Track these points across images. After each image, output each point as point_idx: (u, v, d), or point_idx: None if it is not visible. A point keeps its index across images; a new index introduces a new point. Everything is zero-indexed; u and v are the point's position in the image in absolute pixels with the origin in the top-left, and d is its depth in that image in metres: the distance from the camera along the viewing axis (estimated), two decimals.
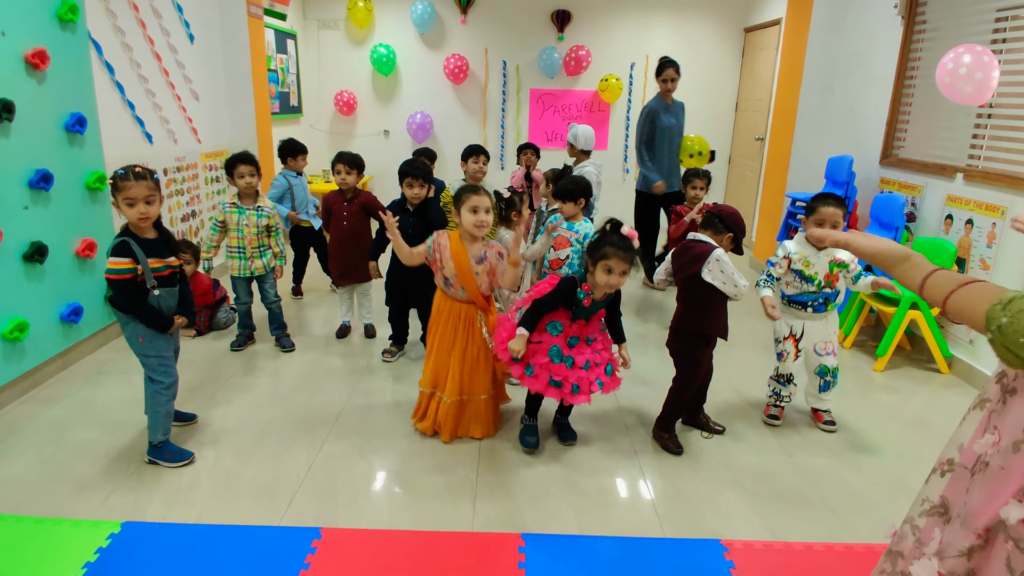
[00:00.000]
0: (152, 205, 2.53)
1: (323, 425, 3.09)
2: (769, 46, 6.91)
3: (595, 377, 2.70)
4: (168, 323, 2.66)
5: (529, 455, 2.87)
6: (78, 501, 2.48)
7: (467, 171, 4.50)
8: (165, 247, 2.65)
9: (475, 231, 2.77)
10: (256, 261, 3.86)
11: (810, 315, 3.09)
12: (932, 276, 1.19)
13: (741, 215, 2.88)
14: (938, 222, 4.16)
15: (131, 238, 2.53)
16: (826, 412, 3.24)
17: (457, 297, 2.86)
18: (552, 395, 2.70)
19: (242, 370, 3.70)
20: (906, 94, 4.68)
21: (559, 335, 2.69)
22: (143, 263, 2.54)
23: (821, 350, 3.13)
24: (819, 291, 3.04)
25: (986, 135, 3.97)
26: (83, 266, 3.72)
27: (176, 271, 2.70)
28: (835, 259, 3.03)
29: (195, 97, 5.15)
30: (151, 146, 4.53)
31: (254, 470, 2.71)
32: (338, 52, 7.81)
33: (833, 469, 2.86)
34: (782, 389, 3.23)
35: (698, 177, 4.66)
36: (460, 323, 2.87)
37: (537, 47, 7.68)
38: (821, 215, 2.94)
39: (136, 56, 4.36)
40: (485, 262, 2.81)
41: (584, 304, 2.68)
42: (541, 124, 8.01)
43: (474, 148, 4.49)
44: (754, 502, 2.60)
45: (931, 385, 3.84)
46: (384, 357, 3.85)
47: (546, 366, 2.67)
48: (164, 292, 2.64)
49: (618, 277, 2.59)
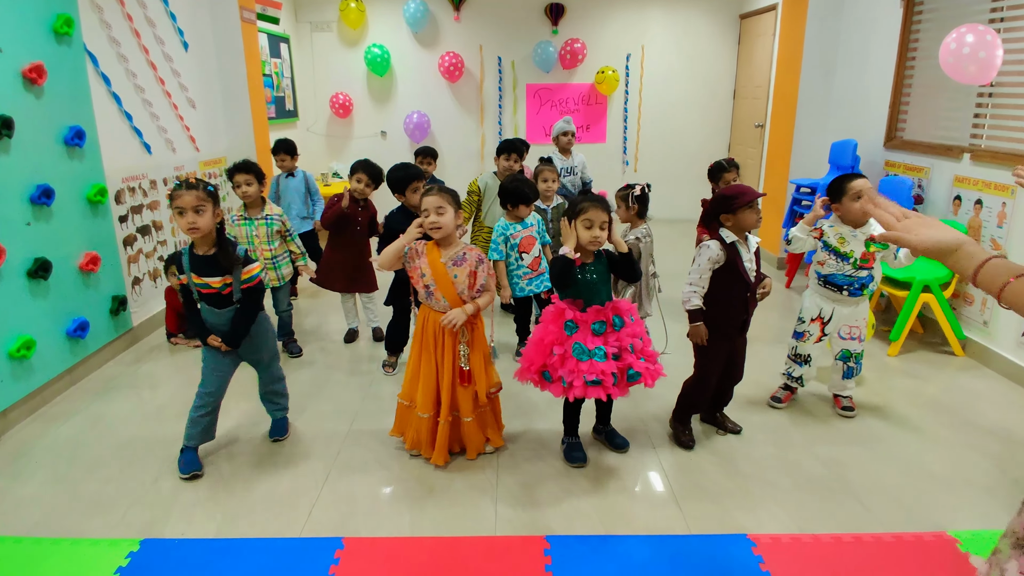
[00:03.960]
0: (201, 215, 2.51)
1: (338, 432, 3.06)
2: (766, 32, 6.87)
3: (620, 368, 2.56)
4: (203, 334, 2.68)
5: (577, 467, 2.76)
6: (95, 520, 2.45)
7: (499, 166, 4.32)
8: (215, 266, 2.60)
9: (431, 234, 2.60)
10: (270, 272, 3.79)
11: (844, 298, 3.05)
12: (986, 265, 1.15)
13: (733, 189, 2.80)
14: (947, 203, 4.13)
15: (188, 250, 2.61)
16: (846, 398, 3.21)
17: (438, 308, 2.66)
18: (596, 395, 2.53)
19: (251, 380, 3.64)
20: (908, 75, 4.64)
21: (577, 332, 2.58)
22: (187, 275, 2.60)
23: (846, 334, 3.10)
24: (855, 271, 2.98)
25: (988, 114, 3.94)
26: (87, 280, 3.68)
27: (223, 293, 2.63)
28: (872, 236, 2.96)
29: (192, 105, 5.10)
30: (150, 156, 4.48)
31: (271, 480, 2.68)
32: (332, 54, 7.76)
33: (855, 458, 2.83)
34: (796, 369, 3.20)
35: (726, 171, 4.21)
36: (445, 337, 2.65)
37: (532, 42, 7.64)
38: (856, 188, 2.90)
39: (132, 66, 4.32)
40: (464, 263, 2.63)
41: (576, 264, 2.55)
42: (539, 119, 7.96)
43: (512, 145, 4.29)
44: (778, 495, 2.57)
45: (947, 368, 3.81)
46: (385, 371, 3.72)
47: (576, 369, 2.53)
48: (206, 309, 2.67)
49: (599, 230, 2.54)
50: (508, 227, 3.53)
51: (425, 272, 2.63)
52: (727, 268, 2.75)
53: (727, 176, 4.16)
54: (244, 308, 2.69)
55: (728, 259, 2.74)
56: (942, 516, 2.45)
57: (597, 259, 2.64)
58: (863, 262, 2.98)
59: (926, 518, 2.44)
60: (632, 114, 7.97)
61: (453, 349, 2.66)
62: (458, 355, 2.66)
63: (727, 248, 2.74)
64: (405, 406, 2.81)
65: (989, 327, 3.79)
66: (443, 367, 2.67)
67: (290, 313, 4.01)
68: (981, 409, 3.27)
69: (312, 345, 4.13)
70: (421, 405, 2.70)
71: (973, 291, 3.91)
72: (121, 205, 4.09)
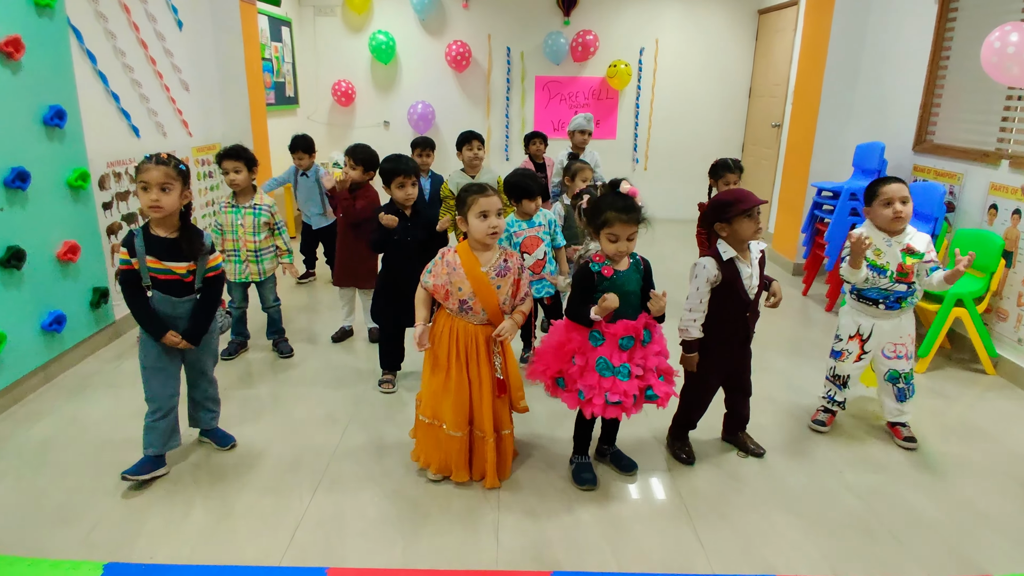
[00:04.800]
0: (167, 194, 2.31)
1: (327, 444, 2.83)
2: (786, 28, 6.62)
3: (640, 388, 2.35)
4: (158, 330, 2.42)
5: (586, 490, 2.53)
6: (58, 536, 2.23)
7: (463, 160, 4.19)
8: (177, 251, 2.39)
9: (488, 239, 2.37)
10: (252, 266, 3.56)
11: (882, 312, 2.79)
12: None
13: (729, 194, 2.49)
14: (980, 212, 3.89)
15: (144, 231, 2.38)
16: (905, 427, 2.94)
17: (474, 320, 2.41)
18: (614, 415, 2.34)
19: (236, 381, 3.43)
20: (940, 75, 4.40)
21: (603, 345, 2.34)
22: (140, 259, 2.35)
23: (891, 352, 2.83)
24: (891, 284, 2.72)
25: (1015, 118, 3.72)
26: (65, 271, 3.45)
27: (186, 280, 2.43)
28: (908, 247, 2.71)
29: (185, 88, 4.86)
30: (138, 140, 4.25)
31: (252, 497, 2.45)
32: (335, 40, 7.51)
33: (889, 488, 2.60)
34: (838, 393, 2.96)
35: (730, 171, 3.87)
36: (481, 349, 2.41)
37: (542, 32, 7.39)
38: (888, 194, 2.66)
39: (120, 44, 4.08)
40: (508, 273, 2.41)
41: (605, 274, 2.31)
42: (547, 113, 7.72)
43: (467, 135, 4.17)
44: (807, 529, 2.34)
45: (976, 387, 3.58)
46: (383, 389, 3.35)
47: (597, 385, 2.31)
48: (160, 297, 2.42)
49: (626, 243, 2.29)
50: (513, 223, 3.30)
51: (462, 286, 2.36)
52: (724, 287, 2.50)
53: (729, 177, 3.84)
54: (207, 299, 2.49)
55: (725, 279, 2.48)
56: (987, 558, 2.22)
57: (632, 268, 2.39)
58: (901, 275, 2.71)
59: (970, 559, 2.21)
60: (644, 110, 7.73)
61: (489, 361, 2.42)
62: (493, 366, 2.43)
63: (724, 266, 2.48)
64: (429, 425, 2.50)
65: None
66: (481, 382, 2.43)
67: (278, 309, 3.77)
68: (1018, 434, 3.05)
69: (302, 345, 3.89)
70: (453, 423, 2.43)
71: (1008, 306, 3.68)
72: (105, 191, 3.85)
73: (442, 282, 2.37)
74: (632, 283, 2.37)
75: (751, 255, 2.54)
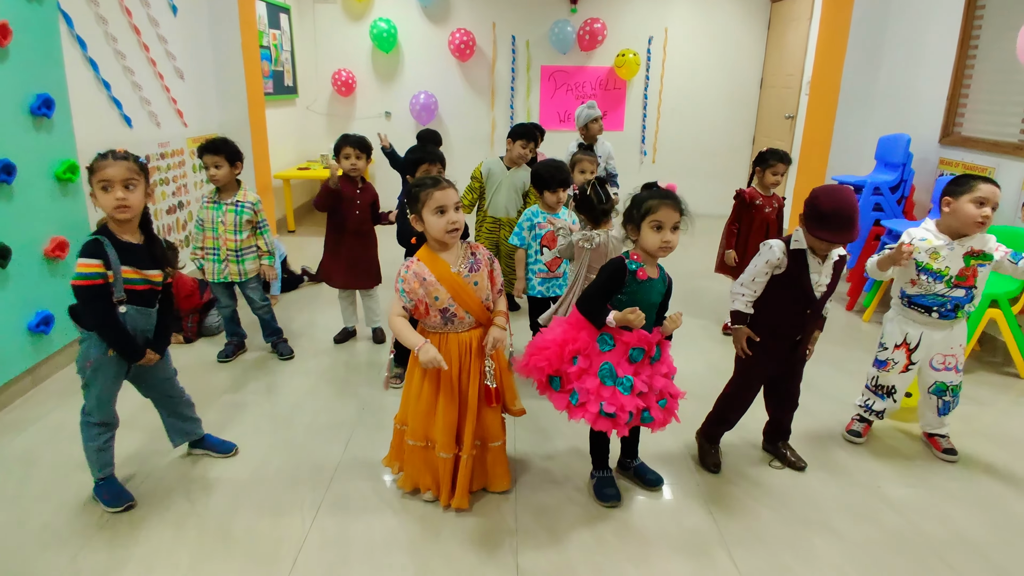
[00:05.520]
0: (132, 192, 2.10)
1: (331, 455, 2.66)
2: (800, 17, 6.42)
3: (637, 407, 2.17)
4: (139, 351, 2.22)
5: (610, 507, 2.36)
6: (41, 559, 2.06)
7: (512, 151, 3.87)
8: (148, 257, 2.19)
9: (448, 237, 2.12)
10: (231, 266, 3.37)
11: (934, 321, 2.60)
12: None
13: (822, 197, 2.26)
14: (1014, 209, 3.72)
15: (107, 237, 2.12)
16: (944, 438, 2.77)
17: (461, 329, 2.21)
18: (601, 428, 2.17)
19: (233, 385, 3.26)
20: (968, 64, 4.21)
21: (611, 350, 2.17)
22: (115, 269, 2.11)
23: (939, 364, 2.65)
24: (948, 291, 2.51)
25: None
26: (53, 269, 3.27)
27: (157, 289, 2.25)
28: (973, 250, 2.48)
29: (179, 76, 4.66)
30: (130, 130, 4.06)
31: (250, 516, 2.28)
32: (335, 27, 7.30)
33: (931, 504, 2.44)
34: (877, 402, 2.79)
35: (780, 160, 3.73)
36: (472, 357, 2.21)
37: (548, 20, 7.18)
38: (984, 193, 2.40)
39: (112, 30, 3.88)
40: (480, 267, 2.20)
41: (640, 276, 2.13)
42: (553, 104, 7.52)
43: (524, 130, 3.88)
44: (849, 551, 2.17)
45: (1011, 392, 3.42)
46: (392, 383, 3.14)
47: (596, 392, 2.14)
48: (135, 312, 2.19)
49: (670, 233, 2.10)
50: (539, 214, 3.15)
51: (438, 295, 2.14)
52: (788, 277, 2.34)
53: (778, 167, 3.77)
54: (167, 308, 2.34)
55: (790, 268, 2.34)
56: None
57: (660, 278, 2.22)
58: (960, 279, 2.49)
59: None
60: (652, 101, 7.52)
61: (480, 370, 2.22)
62: (483, 373, 2.23)
63: (792, 255, 2.33)
64: (423, 448, 2.30)
65: None
66: (467, 395, 2.23)
67: (269, 309, 3.57)
68: None
69: (300, 348, 3.71)
70: (443, 445, 2.24)
71: None
72: None
73: (419, 296, 2.14)
74: (656, 295, 2.21)
75: (829, 255, 2.36)
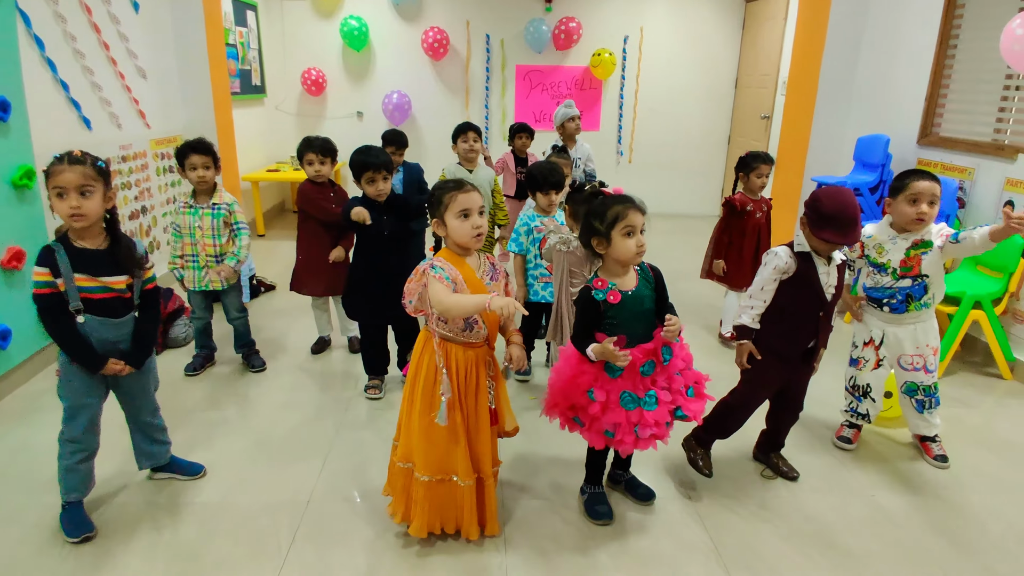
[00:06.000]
0: (89, 199, 1.96)
1: (308, 474, 2.53)
2: (775, 17, 6.42)
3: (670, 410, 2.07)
4: (98, 362, 2.07)
5: (602, 525, 2.27)
6: None
7: (458, 152, 4.02)
8: (111, 263, 2.05)
9: (472, 242, 2.01)
10: (213, 272, 3.22)
11: (890, 316, 2.60)
12: None
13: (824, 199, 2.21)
14: (994, 209, 3.72)
15: (63, 244, 1.99)
16: (935, 444, 2.73)
17: (476, 339, 2.06)
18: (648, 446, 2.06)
19: (203, 401, 3.10)
20: (947, 64, 4.22)
21: (622, 376, 2.04)
22: (66, 278, 1.98)
23: (908, 364, 2.63)
24: (895, 282, 2.54)
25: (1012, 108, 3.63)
26: (10, 279, 3.08)
27: (124, 296, 2.10)
28: (915, 242, 2.51)
29: (142, 75, 4.47)
30: (90, 133, 3.86)
31: (223, 545, 2.14)
32: (304, 25, 7.12)
33: (926, 512, 2.39)
34: (859, 405, 2.75)
35: (764, 162, 3.62)
36: (481, 377, 2.07)
37: (523, 19, 7.08)
38: (916, 191, 2.45)
39: (72, 28, 3.70)
40: (499, 277, 2.12)
41: (611, 301, 2.03)
42: (528, 103, 7.43)
43: (463, 127, 4.01)
44: (851, 566, 2.11)
45: (994, 393, 3.41)
46: (369, 394, 3.13)
47: (625, 422, 2.02)
48: (96, 322, 2.04)
49: (640, 237, 2.02)
50: (535, 218, 3.06)
51: None
52: (797, 279, 2.29)
53: (762, 168, 3.62)
54: (149, 316, 2.18)
55: (800, 270, 2.28)
56: None
57: (642, 282, 2.10)
58: (905, 270, 2.52)
59: None
60: (628, 101, 7.48)
61: (486, 389, 2.09)
62: (486, 393, 2.09)
63: (799, 258, 2.28)
64: (440, 482, 2.07)
65: None
66: (477, 415, 2.08)
67: (245, 321, 3.41)
68: None
69: (273, 359, 3.55)
70: (464, 472, 2.06)
71: None
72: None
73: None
74: (645, 301, 2.09)
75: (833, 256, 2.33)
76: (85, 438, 2.15)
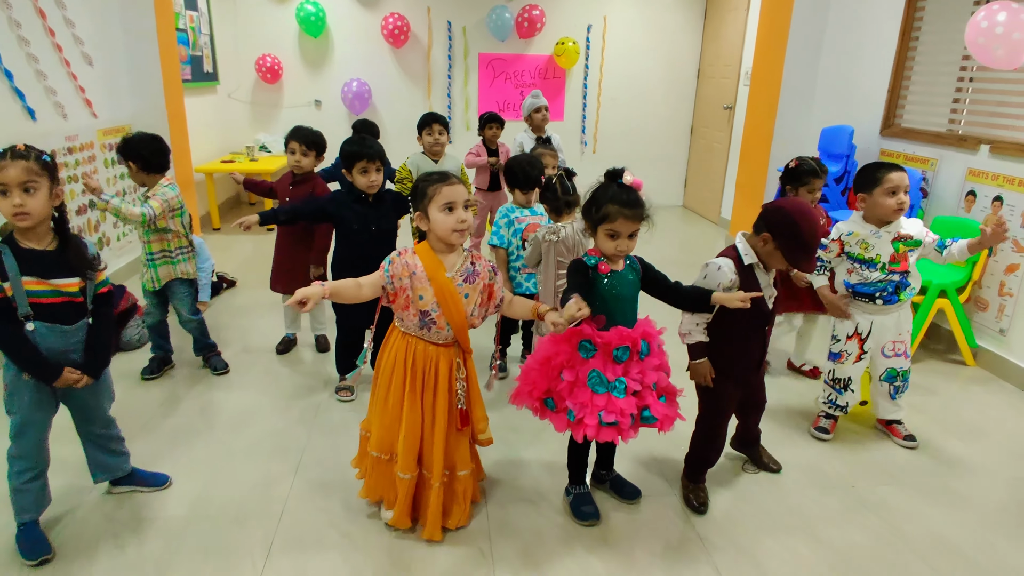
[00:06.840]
0: (33, 196, 1.83)
1: (279, 483, 2.41)
2: (738, 7, 6.44)
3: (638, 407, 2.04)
4: (52, 372, 1.92)
5: (588, 525, 2.22)
6: None
7: (424, 145, 3.94)
8: (61, 264, 1.91)
9: (455, 238, 1.97)
10: (160, 269, 3.03)
11: (880, 308, 2.62)
12: None
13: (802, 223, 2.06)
14: (956, 199, 3.79)
15: (9, 245, 1.85)
16: (901, 425, 2.81)
17: (436, 339, 2.03)
18: (608, 438, 2.00)
19: (161, 408, 2.94)
20: (910, 56, 4.28)
21: (595, 356, 2.02)
22: (13, 282, 1.84)
23: (889, 351, 2.68)
24: (886, 276, 2.57)
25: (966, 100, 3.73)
26: None
27: (76, 300, 1.95)
28: (900, 235, 2.56)
29: (88, 62, 4.23)
30: (34, 123, 3.64)
31: (192, 561, 2.02)
32: (258, 9, 6.87)
33: (906, 501, 2.42)
34: (838, 397, 2.77)
35: (817, 176, 2.98)
36: (439, 375, 2.03)
37: (486, 6, 6.96)
38: (894, 182, 2.49)
39: (16, 14, 3.48)
40: (476, 278, 2.04)
41: (602, 271, 2.00)
42: (492, 92, 7.32)
43: (428, 117, 3.93)
44: (835, 558, 2.12)
45: (958, 379, 3.49)
46: (340, 396, 3.02)
47: (590, 403, 1.99)
48: (45, 329, 1.90)
49: (626, 241, 1.99)
50: (514, 210, 3.03)
51: (424, 294, 1.96)
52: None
53: (815, 183, 2.99)
54: (104, 322, 2.04)
55: (743, 287, 2.14)
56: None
57: (628, 268, 2.08)
58: (894, 265, 2.56)
59: None
60: (592, 90, 7.43)
61: (450, 388, 2.04)
62: (455, 394, 2.05)
63: (743, 271, 2.16)
64: (382, 460, 2.13)
65: (1007, 335, 3.47)
66: (435, 414, 2.04)
67: (199, 325, 3.22)
68: (1013, 431, 2.95)
69: (236, 360, 3.39)
70: (404, 463, 2.05)
71: (989, 296, 3.58)
72: None
73: (403, 284, 1.96)
74: (628, 287, 2.07)
75: None
76: (33, 455, 2.00)
